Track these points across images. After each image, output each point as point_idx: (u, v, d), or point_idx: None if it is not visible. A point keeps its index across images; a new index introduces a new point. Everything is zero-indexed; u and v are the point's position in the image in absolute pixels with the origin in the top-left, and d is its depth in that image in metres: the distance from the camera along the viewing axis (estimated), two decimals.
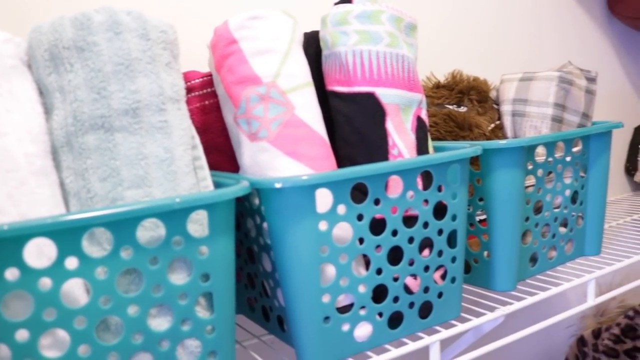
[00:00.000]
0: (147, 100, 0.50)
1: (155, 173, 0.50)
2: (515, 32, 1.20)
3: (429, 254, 0.66)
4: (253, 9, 0.83)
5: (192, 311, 0.50)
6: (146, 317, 0.48)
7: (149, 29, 0.52)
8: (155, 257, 0.47)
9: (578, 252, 0.91)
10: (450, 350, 0.82)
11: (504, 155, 0.75)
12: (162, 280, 0.48)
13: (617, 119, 1.43)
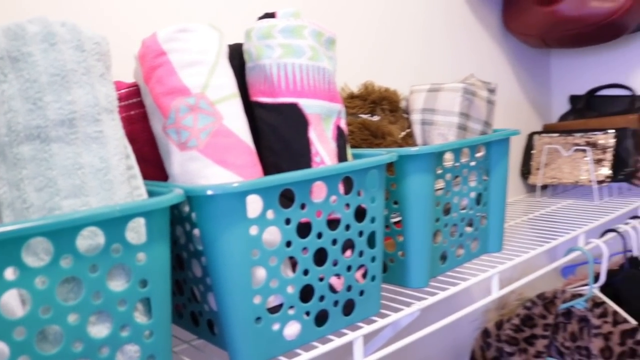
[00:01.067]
0: (82, 111, 0.51)
1: (92, 182, 0.51)
2: (423, 47, 1.27)
3: (351, 254, 0.70)
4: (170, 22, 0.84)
5: (131, 317, 0.51)
6: (86, 325, 0.48)
7: (84, 40, 0.53)
8: (94, 264, 0.49)
9: (482, 250, 0.99)
10: (371, 345, 0.86)
11: (416, 161, 0.81)
12: (102, 288, 0.49)
13: (513, 126, 1.54)
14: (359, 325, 0.73)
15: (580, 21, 1.31)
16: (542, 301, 1.17)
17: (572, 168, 1.39)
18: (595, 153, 1.36)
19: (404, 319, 0.81)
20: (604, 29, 1.31)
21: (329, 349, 0.68)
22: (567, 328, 1.16)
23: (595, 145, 1.37)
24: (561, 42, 1.41)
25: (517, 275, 1.05)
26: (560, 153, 1.42)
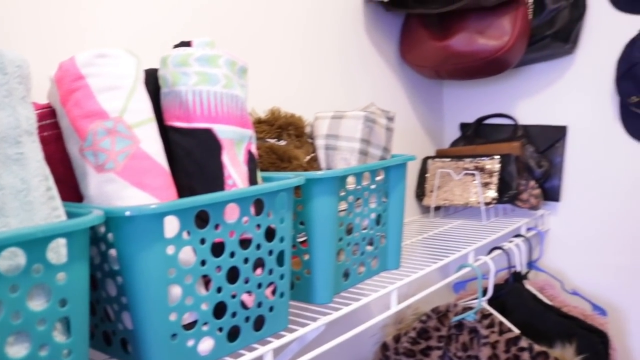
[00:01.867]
0: (4, 133, 0.53)
1: (12, 203, 0.52)
2: (326, 76, 1.33)
3: (261, 272, 0.74)
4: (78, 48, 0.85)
5: (50, 336, 0.52)
6: (4, 346, 0.49)
7: (6, 63, 0.54)
8: (14, 285, 0.50)
9: (382, 267, 1.05)
10: (280, 358, 0.90)
11: (322, 184, 0.86)
12: (21, 308, 0.50)
13: (409, 151, 1.64)
14: (269, 340, 0.77)
15: (470, 56, 1.43)
16: (436, 315, 1.25)
17: (462, 191, 1.50)
18: (483, 177, 1.48)
19: (310, 333, 0.85)
20: (491, 64, 1.44)
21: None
22: (459, 339, 1.25)
23: (483, 169, 1.48)
24: (453, 74, 1.52)
25: (414, 291, 1.12)
26: (451, 177, 1.53)
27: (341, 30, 1.38)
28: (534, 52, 1.53)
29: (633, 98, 1.46)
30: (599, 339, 1.26)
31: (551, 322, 1.28)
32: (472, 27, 1.43)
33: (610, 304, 1.58)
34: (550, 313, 1.31)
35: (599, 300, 1.58)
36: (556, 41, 1.51)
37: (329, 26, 1.34)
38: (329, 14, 1.34)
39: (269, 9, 1.19)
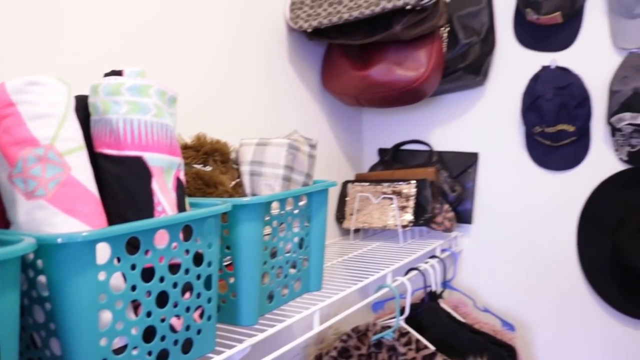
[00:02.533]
0: None
1: None
2: (250, 102, 1.36)
3: (190, 296, 0.76)
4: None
5: None
6: None
7: None
8: None
9: (304, 289, 1.09)
10: None
11: (248, 210, 0.89)
12: None
13: (329, 175, 1.69)
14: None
15: (388, 86, 1.50)
16: (356, 334, 1.30)
17: (380, 214, 1.56)
18: (400, 201, 1.54)
19: (237, 355, 0.87)
20: (408, 93, 1.52)
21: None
22: (378, 357, 1.30)
23: (400, 194, 1.55)
24: (372, 102, 1.59)
25: (335, 311, 1.16)
26: (370, 200, 1.59)
27: (266, 58, 1.42)
28: (448, 83, 1.63)
29: (537, 128, 1.58)
30: (507, 353, 1.34)
31: (464, 338, 1.35)
32: (390, 59, 1.51)
33: (519, 319, 1.68)
34: (463, 330, 1.38)
35: (508, 317, 1.67)
36: (468, 73, 1.61)
37: (254, 54, 1.38)
38: (254, 42, 1.38)
39: (196, 36, 1.21)
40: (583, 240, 1.61)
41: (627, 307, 1.56)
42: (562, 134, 1.57)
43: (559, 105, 1.53)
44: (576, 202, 1.61)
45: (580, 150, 1.61)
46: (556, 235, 1.64)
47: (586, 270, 1.60)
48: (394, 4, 1.35)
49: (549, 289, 1.66)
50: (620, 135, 1.52)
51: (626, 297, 1.56)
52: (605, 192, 1.58)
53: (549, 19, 1.55)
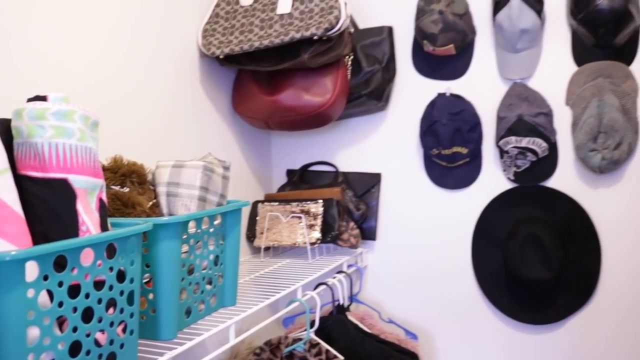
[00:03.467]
0: None
1: None
2: (166, 125, 1.40)
3: (113, 311, 0.80)
4: None
5: None
6: None
7: None
8: None
9: (220, 304, 1.14)
10: None
11: (167, 229, 0.94)
12: None
13: (241, 195, 1.74)
14: None
15: (296, 110, 1.59)
16: (269, 347, 1.35)
17: (290, 232, 1.63)
18: (308, 219, 1.62)
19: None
20: (315, 117, 1.60)
21: None
22: None
23: (308, 212, 1.63)
24: (281, 125, 1.66)
25: (247, 326, 1.21)
26: (280, 219, 1.65)
27: (178, 82, 1.46)
28: (352, 108, 1.73)
29: (434, 150, 1.71)
30: (411, 359, 1.44)
31: (371, 347, 1.44)
32: (298, 85, 1.59)
33: (421, 329, 1.79)
34: (369, 340, 1.47)
35: (411, 327, 1.78)
36: (371, 99, 1.72)
37: (167, 79, 1.42)
38: (167, 67, 1.42)
39: (111, 61, 1.24)
40: (477, 253, 1.75)
41: (517, 313, 1.71)
42: (457, 156, 1.70)
43: (454, 130, 1.67)
44: (470, 219, 1.75)
45: (473, 171, 1.75)
46: (453, 249, 1.77)
47: (480, 280, 1.74)
48: (302, 34, 1.43)
49: (448, 299, 1.78)
50: (508, 157, 1.67)
51: (516, 304, 1.71)
52: (496, 208, 1.73)
53: (443, 50, 1.69)
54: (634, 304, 1.61)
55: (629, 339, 1.62)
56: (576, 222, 1.65)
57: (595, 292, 1.65)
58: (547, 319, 1.69)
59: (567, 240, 1.65)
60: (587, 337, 1.66)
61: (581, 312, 1.67)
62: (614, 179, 1.63)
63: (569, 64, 1.64)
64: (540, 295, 1.68)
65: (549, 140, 1.63)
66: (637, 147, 1.59)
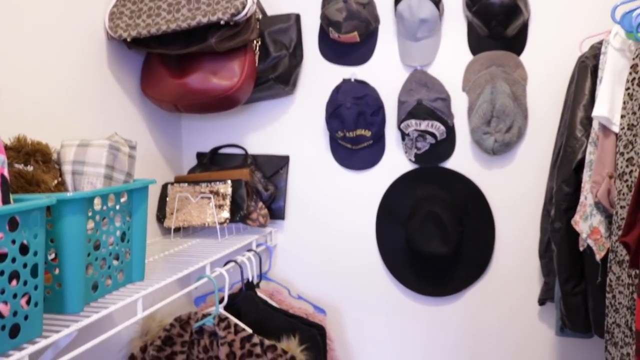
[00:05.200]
0: None
1: None
2: (68, 106, 1.39)
3: (16, 284, 0.82)
4: None
5: None
6: None
7: None
8: None
9: (127, 279, 1.17)
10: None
11: (72, 204, 0.96)
12: None
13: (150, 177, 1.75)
14: (24, 346, 0.84)
15: (204, 93, 1.62)
16: (179, 323, 1.39)
17: (199, 212, 1.66)
18: (217, 200, 1.66)
19: (64, 340, 0.94)
20: (223, 100, 1.64)
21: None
22: (200, 343, 1.40)
23: (217, 193, 1.67)
24: (189, 108, 1.69)
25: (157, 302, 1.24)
26: (189, 200, 1.69)
27: (84, 64, 1.46)
28: (260, 92, 1.78)
29: (339, 133, 1.78)
30: (318, 332, 1.51)
31: (279, 321, 1.50)
32: (206, 68, 1.62)
33: (329, 304, 1.87)
34: (278, 314, 1.53)
35: (320, 302, 1.85)
36: (278, 83, 1.77)
37: (72, 60, 1.41)
38: (73, 48, 1.41)
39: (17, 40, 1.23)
40: (381, 230, 1.84)
41: (418, 287, 1.82)
42: (361, 138, 1.78)
43: (357, 113, 1.74)
44: (374, 198, 1.84)
45: (376, 153, 1.83)
46: (358, 227, 1.86)
47: (384, 256, 1.83)
48: (209, 18, 1.47)
49: (354, 275, 1.87)
50: (409, 139, 1.76)
51: (418, 278, 1.82)
52: (398, 188, 1.82)
53: (348, 37, 1.76)
54: (524, 274, 1.75)
55: (519, 305, 1.76)
56: (472, 200, 1.77)
57: (490, 264, 1.77)
58: (447, 292, 1.81)
59: (465, 217, 1.76)
60: (483, 307, 1.79)
61: (477, 284, 1.79)
62: (506, 161, 1.75)
63: (465, 52, 1.75)
64: (440, 269, 1.80)
65: (447, 124, 1.73)
66: (526, 131, 1.72)
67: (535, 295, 1.73)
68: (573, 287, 1.46)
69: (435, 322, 1.83)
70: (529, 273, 1.75)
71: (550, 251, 1.60)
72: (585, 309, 1.46)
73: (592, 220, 1.30)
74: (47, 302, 0.98)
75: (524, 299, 1.76)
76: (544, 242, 1.66)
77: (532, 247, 1.73)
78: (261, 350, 1.35)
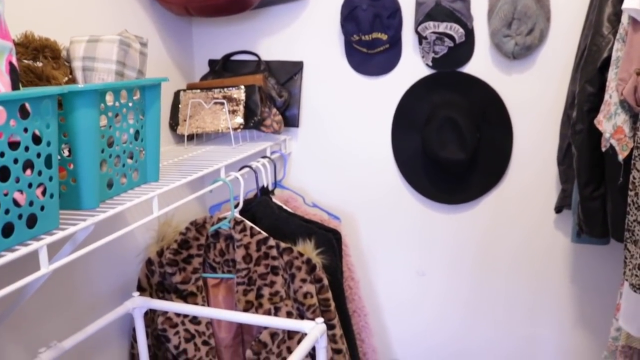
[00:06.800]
0: None
1: None
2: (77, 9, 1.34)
3: (31, 173, 0.80)
4: None
5: None
6: None
7: None
8: None
9: (143, 179, 1.16)
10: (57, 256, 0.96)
11: (83, 97, 0.93)
12: None
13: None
14: (42, 237, 0.83)
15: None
16: (194, 227, 1.39)
17: (212, 118, 1.64)
18: (231, 105, 1.63)
19: (81, 233, 0.93)
20: (234, 2, 1.58)
21: (16, 257, 0.78)
22: (216, 246, 1.40)
23: (230, 99, 1.64)
24: (201, 11, 1.63)
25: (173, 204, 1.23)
26: (202, 106, 1.66)
27: None
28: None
29: (354, 37, 1.72)
30: (333, 236, 1.51)
31: (294, 225, 1.50)
32: None
33: (344, 212, 1.87)
34: (293, 218, 1.53)
35: (335, 210, 1.84)
36: None
37: None
38: None
39: None
40: (397, 138, 1.81)
41: (434, 194, 1.80)
42: (377, 42, 1.73)
43: (374, 15, 1.68)
44: (390, 105, 1.80)
45: (392, 58, 1.78)
46: (374, 135, 1.83)
47: (400, 165, 1.81)
48: None
49: (370, 183, 1.85)
50: (426, 43, 1.70)
51: (434, 186, 1.80)
52: (415, 94, 1.78)
53: None
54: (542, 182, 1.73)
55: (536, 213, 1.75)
56: (491, 106, 1.73)
57: (507, 172, 1.75)
58: (463, 199, 1.79)
59: (482, 124, 1.73)
60: (499, 214, 1.78)
61: (494, 192, 1.77)
62: (526, 65, 1.69)
63: None
64: (456, 177, 1.78)
65: (466, 26, 1.67)
66: (548, 34, 1.66)
67: (552, 203, 1.71)
68: (592, 192, 1.44)
69: (451, 230, 1.83)
70: (547, 181, 1.73)
71: (569, 157, 1.57)
72: (603, 214, 1.44)
73: (616, 119, 1.26)
74: (63, 198, 0.97)
75: (541, 207, 1.74)
76: (563, 149, 1.63)
77: (550, 154, 1.70)
78: (277, 252, 1.36)
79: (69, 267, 1.25)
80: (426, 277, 1.88)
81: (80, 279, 1.31)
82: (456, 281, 1.86)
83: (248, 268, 1.35)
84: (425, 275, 1.87)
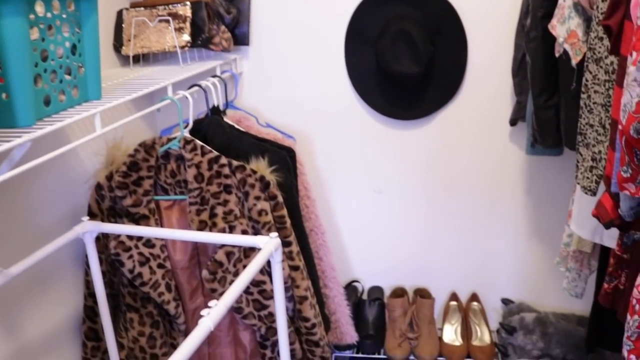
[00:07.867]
0: None
1: None
2: None
3: None
4: None
5: None
6: None
7: None
8: None
9: (83, 97, 1.10)
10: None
11: (8, 4, 0.86)
12: None
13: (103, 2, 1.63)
14: None
15: None
16: (143, 148, 1.35)
17: (158, 37, 1.56)
18: (177, 23, 1.56)
19: (17, 151, 0.88)
20: None
21: None
22: (167, 167, 1.37)
23: (176, 16, 1.56)
24: None
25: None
26: (147, 24, 1.58)
27: None
28: None
29: None
30: (287, 154, 1.48)
31: (247, 143, 1.46)
32: None
33: (298, 131, 1.83)
34: (246, 137, 1.49)
35: (289, 130, 1.81)
36: None
37: None
38: None
39: None
40: (350, 53, 1.77)
41: (389, 110, 1.79)
42: None
43: None
44: (342, 19, 1.74)
45: None
46: (326, 52, 1.78)
47: (354, 81, 1.78)
48: None
49: (324, 101, 1.82)
50: None
51: (387, 102, 1.78)
52: (367, 7, 1.73)
53: None
54: (497, 95, 1.72)
55: (491, 126, 1.75)
56: (445, 19, 1.69)
57: (462, 86, 1.74)
58: (418, 115, 1.78)
59: (437, 37, 1.69)
60: (455, 129, 1.78)
61: (449, 106, 1.76)
62: None
63: None
64: (411, 91, 1.75)
65: None
66: None
67: (507, 116, 1.72)
68: (546, 100, 1.44)
69: (406, 146, 1.82)
70: (501, 94, 1.72)
71: (523, 69, 1.56)
72: (557, 124, 1.44)
73: (570, 23, 1.25)
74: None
75: (496, 120, 1.74)
76: (518, 60, 1.62)
77: (505, 67, 1.69)
78: (229, 170, 1.33)
79: (11, 192, 1.20)
80: (383, 195, 1.88)
81: (26, 206, 1.27)
82: (412, 198, 1.87)
83: (200, 187, 1.32)
84: (382, 193, 1.88)
